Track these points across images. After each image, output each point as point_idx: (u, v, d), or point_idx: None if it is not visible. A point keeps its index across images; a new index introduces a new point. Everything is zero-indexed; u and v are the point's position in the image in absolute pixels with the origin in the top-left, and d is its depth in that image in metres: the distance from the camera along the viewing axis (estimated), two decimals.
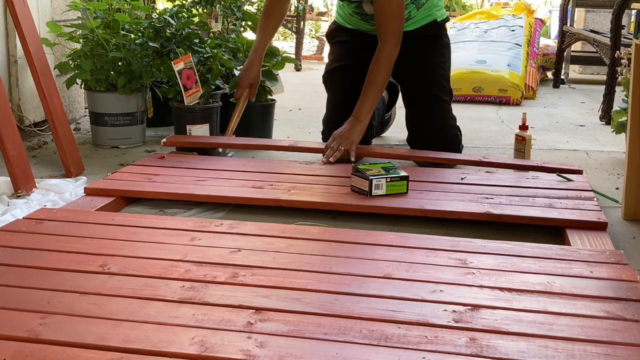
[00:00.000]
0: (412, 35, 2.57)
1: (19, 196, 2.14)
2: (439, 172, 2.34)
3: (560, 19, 4.92)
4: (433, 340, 1.19)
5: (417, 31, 2.60)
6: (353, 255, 1.59)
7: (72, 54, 2.82)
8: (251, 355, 1.13)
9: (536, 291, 1.39)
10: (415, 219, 1.97)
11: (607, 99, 3.55)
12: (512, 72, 4.23)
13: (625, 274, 1.48)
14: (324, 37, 3.42)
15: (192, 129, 2.64)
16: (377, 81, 2.45)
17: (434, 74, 2.61)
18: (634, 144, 1.99)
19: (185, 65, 2.61)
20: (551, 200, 2.03)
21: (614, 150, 2.92)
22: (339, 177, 2.23)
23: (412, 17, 2.56)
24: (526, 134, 2.57)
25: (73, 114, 3.34)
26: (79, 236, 1.69)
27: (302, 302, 1.32)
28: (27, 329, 1.20)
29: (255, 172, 2.31)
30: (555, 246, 1.67)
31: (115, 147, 2.85)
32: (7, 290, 1.37)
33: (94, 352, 1.14)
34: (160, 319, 1.25)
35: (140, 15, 3.04)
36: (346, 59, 2.68)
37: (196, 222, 1.83)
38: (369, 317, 1.27)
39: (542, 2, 8.29)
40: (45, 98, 2.47)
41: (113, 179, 2.21)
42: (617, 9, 3.50)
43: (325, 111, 2.73)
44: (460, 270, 1.49)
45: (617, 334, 1.22)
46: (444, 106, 2.61)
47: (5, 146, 2.17)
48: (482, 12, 5.06)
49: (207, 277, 1.44)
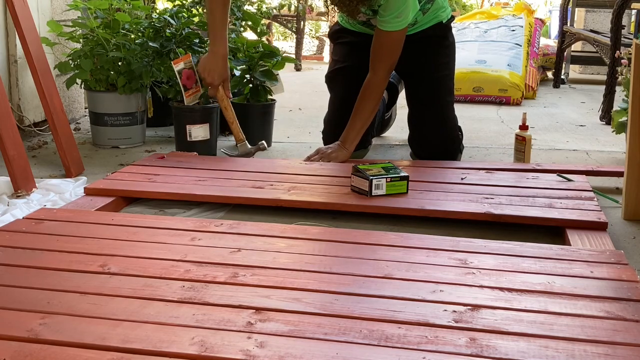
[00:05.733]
0: (418, 36, 2.57)
1: (19, 196, 2.13)
2: (439, 172, 2.34)
3: (560, 18, 4.92)
4: (433, 340, 1.18)
5: (423, 32, 2.60)
6: (353, 255, 1.58)
7: (72, 53, 2.82)
8: (251, 355, 1.13)
9: (536, 291, 1.39)
10: (415, 219, 1.96)
11: (607, 99, 3.55)
12: (512, 72, 4.23)
13: (625, 274, 1.48)
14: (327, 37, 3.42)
15: (192, 129, 2.64)
16: (365, 110, 2.47)
17: (438, 74, 2.61)
18: (634, 144, 1.99)
19: (185, 65, 2.61)
20: (551, 200, 2.03)
21: (614, 150, 2.92)
22: (339, 177, 2.23)
23: (418, 22, 2.56)
24: (526, 134, 2.57)
25: (73, 114, 3.34)
26: (79, 236, 1.69)
27: (302, 302, 1.32)
28: (27, 329, 1.20)
29: (255, 172, 2.31)
30: (556, 246, 1.67)
31: (115, 147, 2.85)
32: (7, 290, 1.37)
33: (94, 352, 1.14)
34: (160, 319, 1.25)
35: (140, 15, 3.04)
36: (350, 59, 2.68)
37: (196, 222, 1.83)
38: (369, 317, 1.26)
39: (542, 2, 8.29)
40: (45, 98, 2.47)
41: (113, 179, 2.21)
42: (617, 9, 3.50)
43: (327, 110, 2.73)
44: (460, 270, 1.49)
45: (617, 334, 1.21)
46: (447, 106, 2.61)
47: (5, 146, 2.17)
48: (482, 12, 5.06)
49: (207, 277, 1.44)
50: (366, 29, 2.62)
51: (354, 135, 2.48)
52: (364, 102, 2.46)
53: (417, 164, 2.47)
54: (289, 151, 2.79)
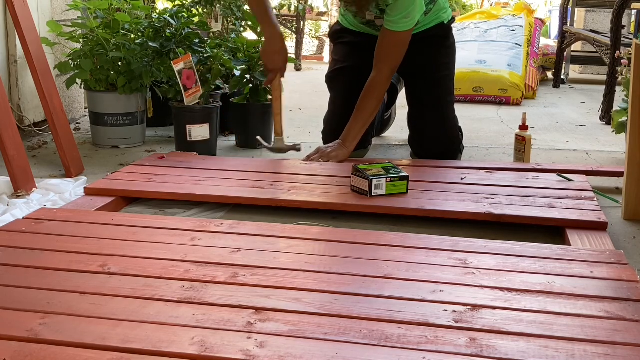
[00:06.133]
0: (419, 36, 2.58)
1: (19, 196, 2.13)
2: (439, 172, 2.34)
3: (560, 19, 4.92)
4: (433, 340, 1.18)
5: (424, 33, 2.60)
6: (353, 255, 1.58)
7: (72, 53, 2.82)
8: (251, 355, 1.13)
9: (536, 291, 1.39)
10: (415, 219, 1.96)
11: (607, 99, 3.55)
12: (512, 72, 4.23)
13: (625, 274, 1.47)
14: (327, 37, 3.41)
15: (192, 129, 2.64)
16: (367, 109, 2.47)
17: (439, 75, 2.61)
18: (634, 144, 1.99)
19: (185, 65, 2.61)
20: (551, 200, 2.03)
21: (614, 150, 2.92)
22: (339, 177, 2.23)
23: (420, 22, 2.56)
24: (526, 134, 2.57)
25: (73, 114, 3.34)
26: (79, 236, 1.69)
27: (302, 302, 1.32)
28: (27, 329, 1.20)
29: (255, 172, 2.31)
30: (556, 246, 1.67)
31: (115, 147, 2.85)
32: (7, 290, 1.37)
33: (94, 352, 1.14)
34: (160, 319, 1.25)
35: (140, 15, 3.04)
36: (351, 59, 2.68)
37: (196, 222, 1.83)
38: (369, 317, 1.26)
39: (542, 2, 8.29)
40: (45, 98, 2.47)
41: (113, 179, 2.21)
42: (617, 9, 3.50)
43: (327, 110, 2.73)
44: (460, 270, 1.49)
45: (617, 334, 1.21)
46: (448, 107, 2.61)
47: (5, 146, 2.17)
48: (482, 12, 5.05)
49: (207, 277, 1.44)
50: (368, 29, 2.62)
51: (354, 134, 2.48)
52: (366, 101, 2.46)
53: (417, 164, 2.47)
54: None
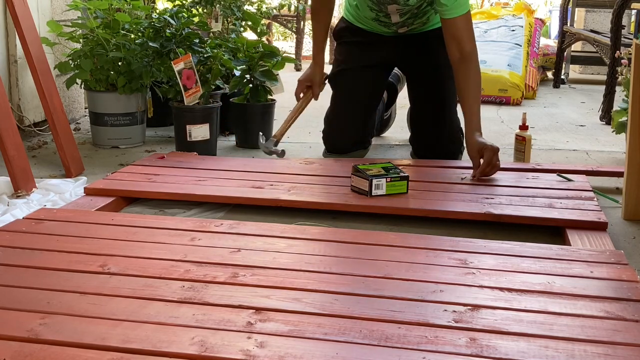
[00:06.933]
0: (426, 35, 2.58)
1: (19, 196, 2.13)
2: (439, 172, 2.34)
3: (560, 19, 4.92)
4: (433, 340, 1.18)
5: (431, 32, 2.60)
6: (353, 255, 1.58)
7: (72, 53, 2.82)
8: (251, 355, 1.13)
9: (536, 291, 1.39)
10: (415, 219, 1.96)
11: (607, 99, 3.55)
12: (512, 72, 4.23)
13: (625, 274, 1.48)
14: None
15: (192, 129, 2.64)
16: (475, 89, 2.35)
17: (443, 75, 2.61)
18: (634, 144, 1.99)
19: (185, 65, 2.61)
20: (551, 200, 2.03)
21: (614, 150, 2.92)
22: (339, 177, 2.23)
23: (430, 21, 2.56)
24: (526, 134, 2.57)
25: (73, 114, 3.34)
26: (79, 236, 1.69)
27: (302, 302, 1.32)
28: (27, 329, 1.20)
29: (255, 172, 2.31)
30: (556, 246, 1.67)
31: (115, 147, 2.85)
32: (7, 290, 1.37)
33: (94, 352, 1.14)
34: (160, 319, 1.25)
35: (140, 15, 3.04)
36: (355, 60, 2.66)
37: (196, 222, 1.83)
38: (369, 317, 1.26)
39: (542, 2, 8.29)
40: (45, 98, 2.47)
41: (113, 179, 2.21)
42: (617, 9, 3.50)
43: (329, 110, 2.72)
44: (460, 270, 1.49)
45: (617, 334, 1.21)
46: (450, 107, 2.61)
47: (5, 146, 2.17)
48: (482, 12, 5.05)
49: (207, 277, 1.44)
50: (377, 26, 2.60)
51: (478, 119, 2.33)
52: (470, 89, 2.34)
53: (417, 164, 2.47)
54: (289, 151, 2.78)
